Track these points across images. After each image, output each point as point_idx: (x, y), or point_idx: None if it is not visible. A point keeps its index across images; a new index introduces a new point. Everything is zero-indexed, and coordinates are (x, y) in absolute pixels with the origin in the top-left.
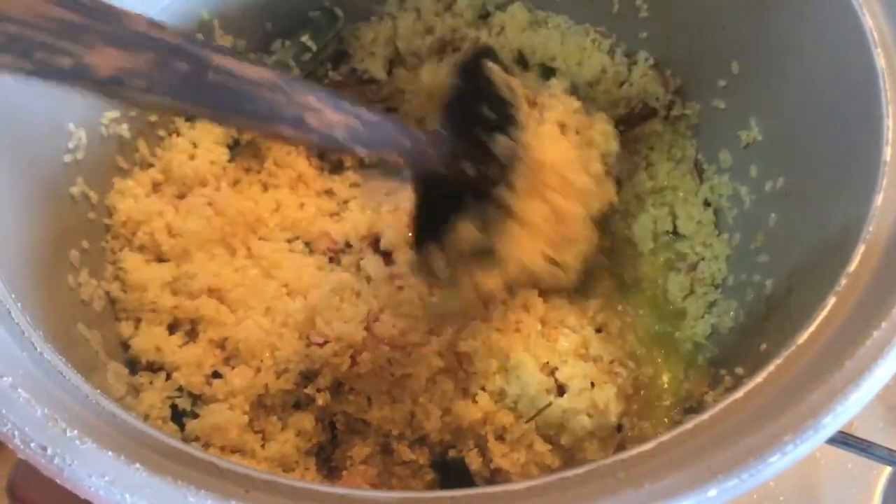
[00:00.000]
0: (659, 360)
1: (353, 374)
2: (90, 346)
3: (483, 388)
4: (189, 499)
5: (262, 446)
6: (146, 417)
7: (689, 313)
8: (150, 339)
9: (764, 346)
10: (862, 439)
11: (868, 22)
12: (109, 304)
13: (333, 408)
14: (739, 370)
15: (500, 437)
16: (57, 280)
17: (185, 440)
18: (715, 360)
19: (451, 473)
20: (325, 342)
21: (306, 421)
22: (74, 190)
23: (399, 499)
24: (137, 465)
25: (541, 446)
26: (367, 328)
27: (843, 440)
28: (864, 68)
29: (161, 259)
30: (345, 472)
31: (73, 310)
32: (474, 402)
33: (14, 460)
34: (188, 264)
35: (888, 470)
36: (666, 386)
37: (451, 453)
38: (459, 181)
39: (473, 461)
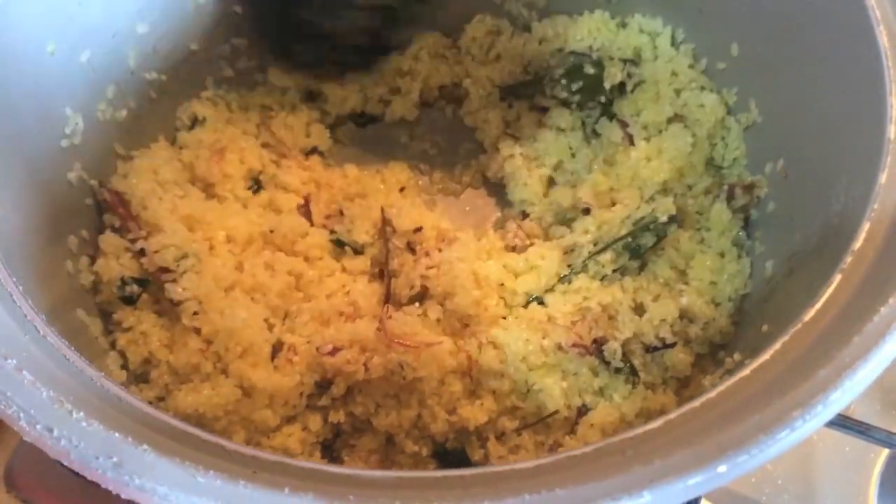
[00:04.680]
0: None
1: (364, 380)
2: (90, 333)
3: (493, 392)
4: (198, 479)
5: (268, 437)
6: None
7: None
8: None
9: (766, 328)
10: (860, 422)
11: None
12: None
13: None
14: (738, 355)
15: (500, 438)
16: (55, 266)
17: None
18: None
19: (452, 462)
20: (336, 350)
21: (313, 421)
22: (72, 175)
23: (406, 478)
24: (145, 446)
25: (538, 453)
26: (379, 327)
27: (842, 423)
28: (866, 46)
29: None
30: (347, 458)
31: (73, 296)
32: (482, 405)
33: (11, 449)
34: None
35: (886, 452)
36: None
37: (452, 443)
38: None
39: (475, 452)
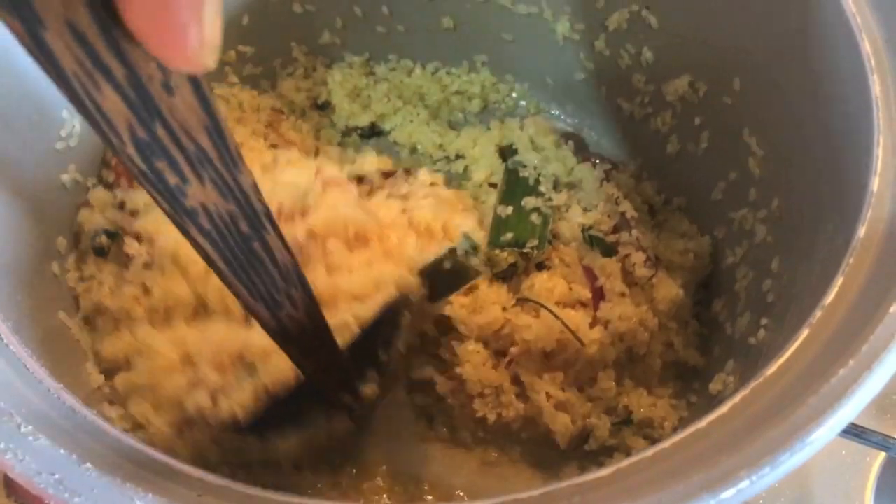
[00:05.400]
0: None
1: None
2: (70, 335)
3: None
4: (136, 502)
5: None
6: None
7: None
8: None
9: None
10: (856, 425)
11: (866, 48)
12: None
13: None
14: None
15: None
16: (41, 267)
17: None
18: None
19: None
20: None
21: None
22: (65, 177)
23: None
24: (88, 464)
25: None
26: None
27: None
28: (859, 94)
29: None
30: None
31: (56, 298)
32: None
33: None
34: None
35: (882, 455)
36: None
37: None
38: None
39: None
